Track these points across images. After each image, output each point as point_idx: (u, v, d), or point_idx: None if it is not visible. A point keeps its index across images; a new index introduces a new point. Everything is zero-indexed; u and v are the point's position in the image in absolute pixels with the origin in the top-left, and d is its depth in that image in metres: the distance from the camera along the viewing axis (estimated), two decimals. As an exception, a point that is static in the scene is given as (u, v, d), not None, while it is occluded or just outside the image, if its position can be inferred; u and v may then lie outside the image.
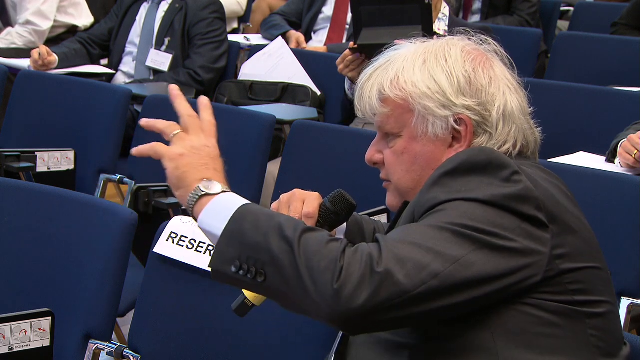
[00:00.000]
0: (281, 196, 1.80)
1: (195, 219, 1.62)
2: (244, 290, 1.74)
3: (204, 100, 1.72)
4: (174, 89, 1.74)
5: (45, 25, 5.25)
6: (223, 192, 1.61)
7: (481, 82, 1.71)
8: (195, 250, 2.19)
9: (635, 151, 2.84)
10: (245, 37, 5.40)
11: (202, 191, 1.60)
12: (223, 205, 1.58)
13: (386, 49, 1.81)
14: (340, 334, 1.76)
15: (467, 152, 1.63)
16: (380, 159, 1.79)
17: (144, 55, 4.62)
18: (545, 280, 1.55)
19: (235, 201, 1.59)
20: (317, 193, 1.80)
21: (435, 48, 1.74)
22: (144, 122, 1.71)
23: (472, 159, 1.59)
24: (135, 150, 1.69)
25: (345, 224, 1.88)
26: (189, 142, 1.65)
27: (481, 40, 1.78)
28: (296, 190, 1.80)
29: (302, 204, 1.77)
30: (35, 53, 4.44)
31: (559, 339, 1.56)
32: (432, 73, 1.71)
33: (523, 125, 1.73)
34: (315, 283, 1.47)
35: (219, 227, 1.55)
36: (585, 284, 1.59)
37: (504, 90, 1.72)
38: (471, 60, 1.73)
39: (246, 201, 1.59)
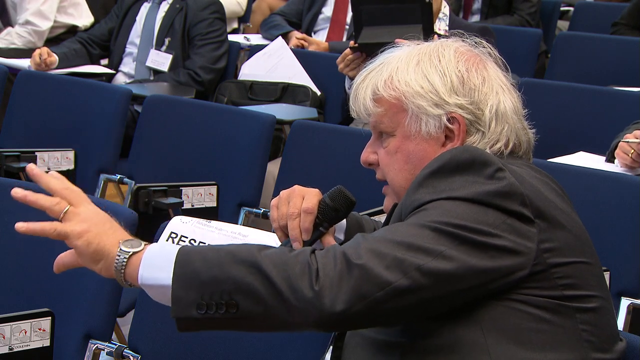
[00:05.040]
0: (281, 192, 1.81)
1: (131, 283, 1.56)
2: None
3: (55, 174, 1.63)
4: (32, 169, 1.62)
5: (45, 25, 5.25)
6: (146, 244, 1.57)
7: (474, 82, 1.73)
8: (195, 250, 2.19)
9: (632, 151, 2.84)
10: (245, 37, 5.40)
11: (128, 251, 1.55)
12: (157, 255, 1.55)
13: (386, 48, 1.82)
14: (333, 336, 1.76)
15: (451, 151, 1.64)
16: (375, 160, 1.81)
17: (144, 56, 4.62)
18: (533, 274, 1.56)
19: (168, 247, 1.56)
20: (316, 189, 1.80)
21: (429, 49, 1.77)
22: (19, 194, 1.58)
23: (456, 158, 1.61)
24: (23, 227, 1.57)
25: (345, 221, 1.88)
26: (84, 215, 1.59)
27: (475, 43, 1.80)
28: (296, 187, 1.81)
29: (301, 199, 1.77)
30: (36, 54, 4.44)
31: (549, 334, 1.56)
32: (425, 73, 1.73)
33: (516, 125, 1.74)
34: (294, 291, 1.47)
35: (166, 277, 1.52)
36: (575, 279, 1.59)
37: (497, 90, 1.74)
38: (464, 60, 1.75)
39: (176, 245, 1.57)
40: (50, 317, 2.07)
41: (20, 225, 1.58)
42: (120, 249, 1.56)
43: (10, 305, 2.30)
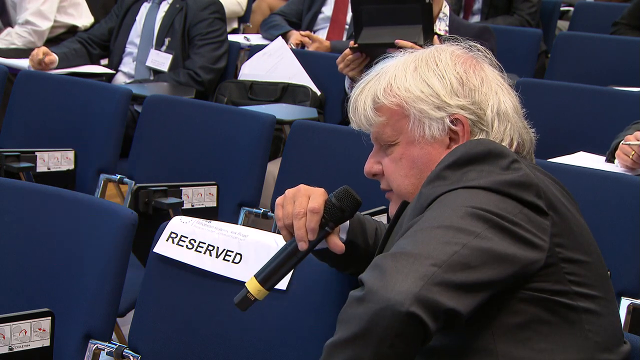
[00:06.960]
0: (286, 191, 1.79)
1: None
2: (246, 284, 1.74)
3: None
4: None
5: (45, 25, 5.25)
6: None
7: (473, 83, 1.74)
8: (195, 250, 2.19)
9: (633, 152, 2.84)
10: (245, 37, 5.40)
11: None
12: None
13: (381, 59, 1.82)
14: None
15: (466, 144, 1.66)
16: (379, 170, 1.81)
17: (144, 56, 4.62)
18: (544, 267, 1.55)
19: None
20: (322, 189, 1.79)
21: (425, 55, 1.78)
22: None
23: (471, 151, 1.62)
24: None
25: (348, 222, 1.88)
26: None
27: (470, 46, 1.81)
28: (301, 186, 1.79)
29: (307, 199, 1.75)
30: (34, 54, 4.44)
31: (558, 336, 1.56)
32: (424, 77, 1.74)
33: (517, 124, 1.75)
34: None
35: None
36: (583, 277, 1.59)
37: (496, 90, 1.75)
38: (461, 62, 1.76)
39: None
40: (50, 317, 2.07)
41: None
42: None
43: (10, 305, 2.30)
